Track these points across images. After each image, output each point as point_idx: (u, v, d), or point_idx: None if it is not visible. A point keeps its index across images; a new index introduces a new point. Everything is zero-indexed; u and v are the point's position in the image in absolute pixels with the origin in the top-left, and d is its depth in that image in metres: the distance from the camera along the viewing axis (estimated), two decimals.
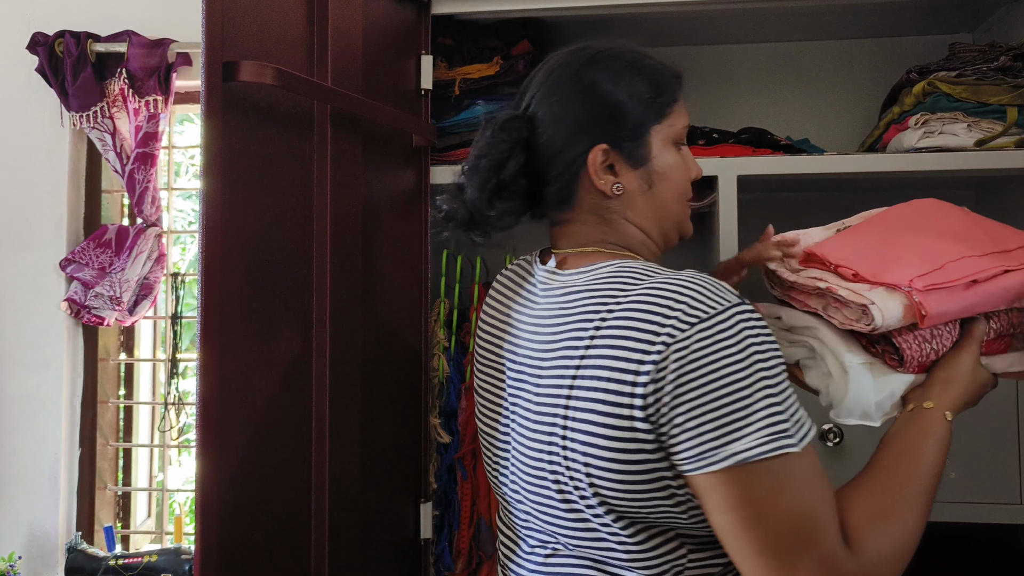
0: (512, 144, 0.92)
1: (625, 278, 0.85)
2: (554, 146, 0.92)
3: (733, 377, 0.75)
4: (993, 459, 1.42)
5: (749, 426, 0.74)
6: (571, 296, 0.89)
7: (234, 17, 1.02)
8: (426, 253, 1.53)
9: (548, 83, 0.94)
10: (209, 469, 0.95)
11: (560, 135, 0.92)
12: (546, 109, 0.93)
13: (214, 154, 0.98)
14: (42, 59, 1.79)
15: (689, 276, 0.82)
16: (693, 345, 0.76)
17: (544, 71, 0.96)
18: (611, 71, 0.92)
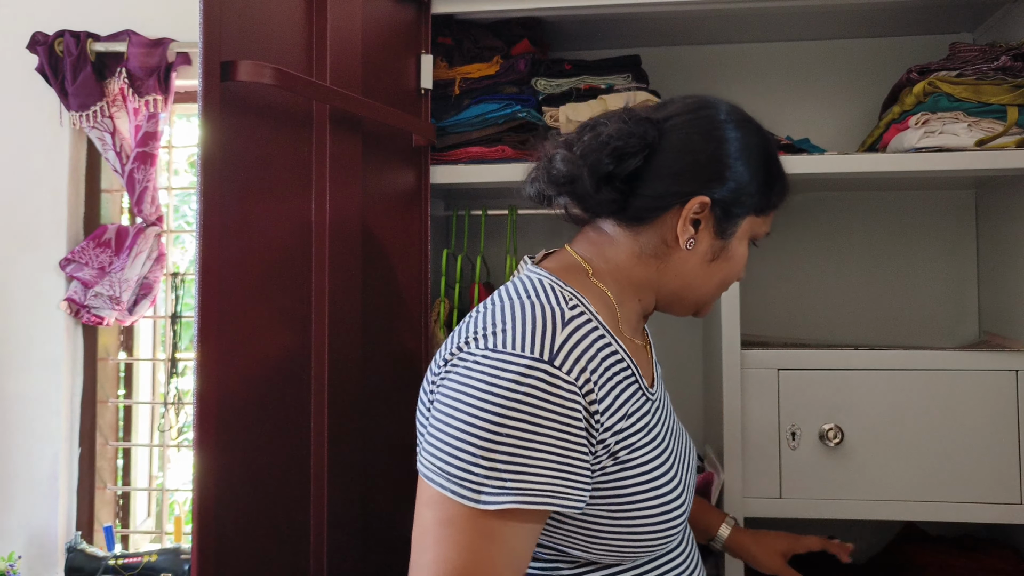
0: (642, 145, 0.90)
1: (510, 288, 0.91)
2: (667, 170, 0.91)
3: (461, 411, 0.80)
4: (993, 459, 1.42)
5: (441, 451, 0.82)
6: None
7: (232, 17, 1.02)
8: (426, 253, 1.53)
9: (696, 114, 0.93)
10: (207, 468, 0.95)
11: (678, 165, 0.91)
12: (682, 135, 0.92)
13: (212, 154, 0.98)
14: (42, 59, 1.79)
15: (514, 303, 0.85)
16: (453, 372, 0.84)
17: (699, 101, 0.95)
18: (754, 146, 0.93)
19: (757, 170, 0.93)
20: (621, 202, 0.92)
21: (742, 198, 0.92)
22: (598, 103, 1.57)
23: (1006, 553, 1.57)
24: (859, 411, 1.45)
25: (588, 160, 0.91)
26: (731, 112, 0.95)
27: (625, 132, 0.91)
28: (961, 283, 1.78)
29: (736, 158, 0.91)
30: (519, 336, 0.80)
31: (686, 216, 0.90)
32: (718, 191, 0.90)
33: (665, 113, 0.94)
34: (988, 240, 1.72)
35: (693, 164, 0.91)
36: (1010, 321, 1.60)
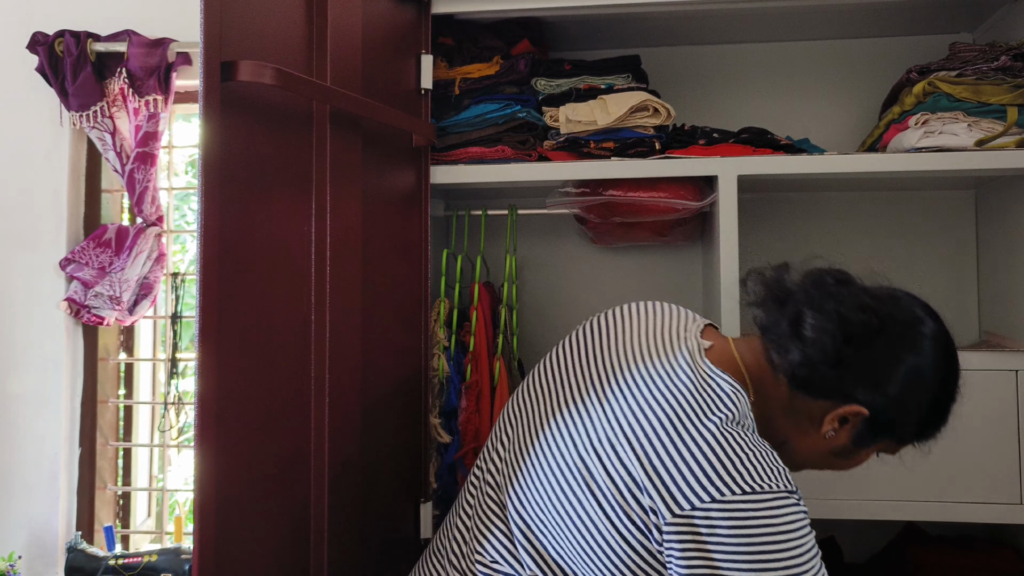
0: (848, 337, 0.92)
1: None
2: (854, 368, 0.93)
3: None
4: (993, 459, 1.42)
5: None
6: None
7: (233, 17, 1.02)
8: (426, 253, 1.53)
9: (906, 334, 0.95)
10: (208, 468, 0.95)
11: (864, 371, 0.92)
12: (887, 346, 0.93)
13: (213, 154, 0.98)
14: (42, 59, 1.79)
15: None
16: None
17: (916, 318, 0.97)
18: (931, 397, 0.95)
19: (920, 416, 0.96)
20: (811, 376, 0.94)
21: (895, 426, 0.95)
22: (598, 103, 1.57)
23: (1006, 553, 1.57)
24: None
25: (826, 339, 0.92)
26: (942, 355, 0.96)
27: (861, 323, 0.92)
28: (961, 283, 1.78)
29: (911, 400, 0.94)
30: (766, 472, 0.83)
31: (839, 413, 0.94)
32: (879, 410, 0.93)
33: (891, 312, 0.95)
34: (988, 240, 1.72)
35: (877, 379, 0.93)
36: (1010, 321, 1.60)
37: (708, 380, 0.93)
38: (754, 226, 1.81)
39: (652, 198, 1.57)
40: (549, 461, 0.94)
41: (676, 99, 1.77)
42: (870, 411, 0.92)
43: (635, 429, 0.88)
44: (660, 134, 1.57)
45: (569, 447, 0.93)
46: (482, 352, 1.62)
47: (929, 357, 0.95)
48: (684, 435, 0.86)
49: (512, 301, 1.73)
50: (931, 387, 0.95)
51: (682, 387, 0.91)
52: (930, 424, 0.98)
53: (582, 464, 0.90)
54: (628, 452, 0.87)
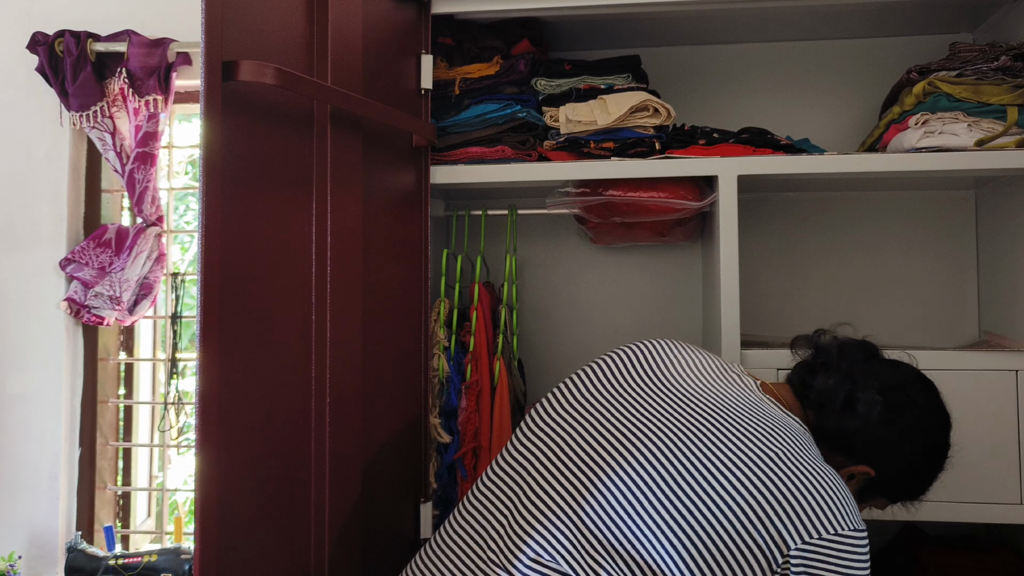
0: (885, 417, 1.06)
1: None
2: (873, 435, 1.07)
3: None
4: (993, 459, 1.42)
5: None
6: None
7: (234, 17, 1.02)
8: (426, 253, 1.53)
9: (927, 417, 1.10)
10: (208, 469, 0.95)
11: (883, 441, 1.07)
12: (905, 425, 1.07)
13: (213, 154, 0.98)
14: (42, 59, 1.79)
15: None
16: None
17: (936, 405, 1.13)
18: (935, 464, 1.12)
19: (918, 482, 1.12)
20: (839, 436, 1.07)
21: (892, 489, 1.11)
22: (598, 103, 1.57)
23: (1006, 553, 1.57)
24: None
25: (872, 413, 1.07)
26: (943, 439, 1.12)
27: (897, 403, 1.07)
28: (961, 283, 1.78)
29: (915, 467, 1.10)
30: (858, 514, 0.94)
31: (849, 471, 1.07)
32: (883, 476, 1.07)
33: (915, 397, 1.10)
34: (988, 240, 1.72)
35: (891, 451, 1.07)
36: (1010, 321, 1.60)
37: (788, 424, 1.02)
38: (754, 226, 1.81)
39: (652, 198, 1.57)
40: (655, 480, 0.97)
41: (676, 99, 1.77)
42: (877, 474, 1.07)
43: (758, 465, 0.95)
44: (660, 134, 1.57)
45: (678, 472, 0.97)
46: (482, 352, 1.62)
47: (935, 442, 1.11)
48: (805, 472, 0.95)
49: (512, 301, 1.73)
50: (929, 464, 1.11)
51: (779, 429, 1.00)
52: (920, 491, 1.13)
53: (699, 487, 0.95)
54: (757, 485, 0.93)
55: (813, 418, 1.10)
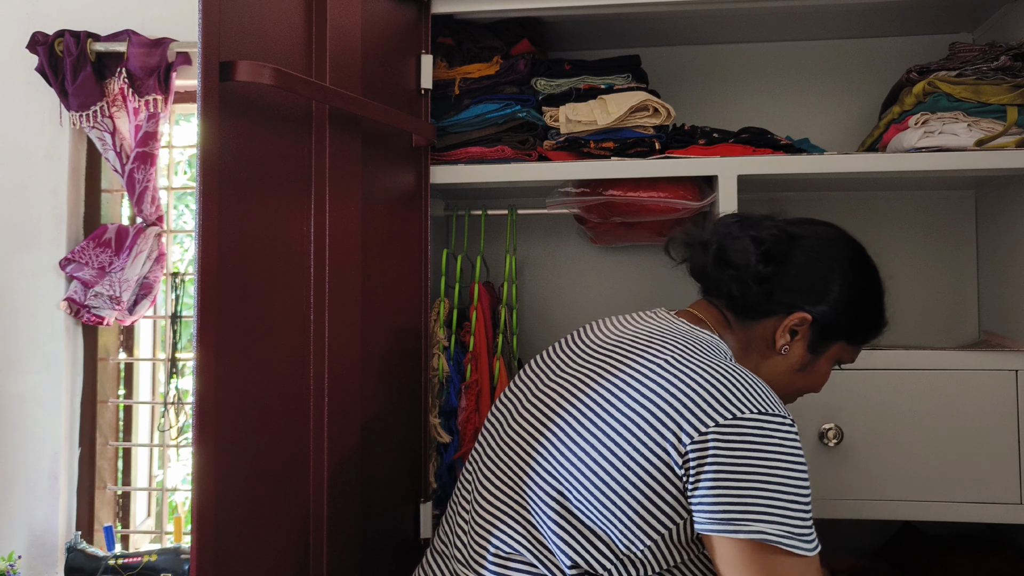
0: (765, 253, 1.04)
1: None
2: (785, 283, 1.04)
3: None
4: (993, 459, 1.42)
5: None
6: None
7: (231, 17, 1.02)
8: (426, 253, 1.53)
9: (825, 244, 1.07)
10: (206, 468, 0.95)
11: (795, 282, 1.04)
12: (807, 257, 1.05)
13: (211, 154, 0.98)
14: (42, 58, 1.79)
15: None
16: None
17: (833, 233, 1.09)
18: (863, 288, 1.06)
19: (859, 308, 1.06)
20: (748, 298, 1.05)
21: (839, 325, 1.04)
22: (598, 103, 1.57)
23: (1006, 553, 1.57)
24: (859, 411, 1.45)
25: (729, 251, 1.06)
26: (856, 253, 1.08)
27: (762, 240, 1.04)
28: (961, 283, 1.78)
29: (843, 292, 1.04)
30: (771, 400, 0.91)
31: (787, 325, 1.04)
32: (820, 313, 1.03)
33: (799, 230, 1.07)
34: (988, 240, 1.72)
35: (807, 285, 1.04)
36: (1010, 321, 1.60)
37: (694, 334, 1.02)
38: None
39: (652, 198, 1.57)
40: (571, 434, 0.97)
41: (676, 99, 1.77)
42: (812, 316, 1.03)
43: (649, 376, 0.95)
44: (660, 134, 1.57)
45: (589, 416, 0.97)
46: (482, 352, 1.62)
47: (845, 256, 1.06)
48: (695, 370, 0.93)
49: (512, 301, 1.73)
50: (858, 282, 1.06)
51: (678, 339, 1.00)
52: (870, 316, 1.09)
53: (603, 423, 0.94)
54: (647, 395, 0.93)
55: (716, 301, 1.08)
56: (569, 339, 1.14)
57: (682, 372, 0.93)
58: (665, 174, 1.52)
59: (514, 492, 1.01)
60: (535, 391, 1.08)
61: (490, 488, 1.05)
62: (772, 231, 1.05)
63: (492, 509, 1.03)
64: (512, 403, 1.11)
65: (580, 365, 1.05)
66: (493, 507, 1.03)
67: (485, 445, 1.11)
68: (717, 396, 0.89)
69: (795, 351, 1.05)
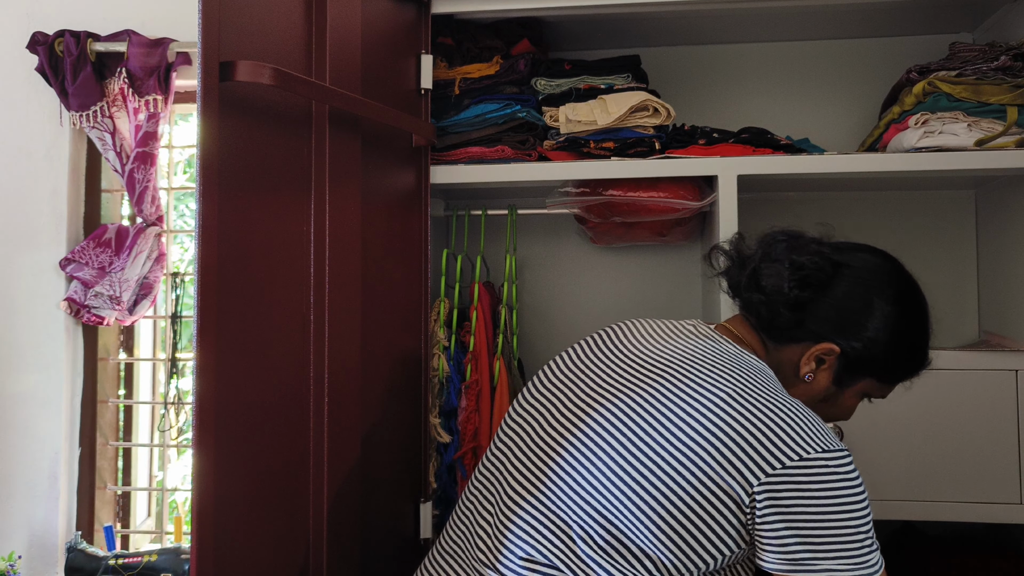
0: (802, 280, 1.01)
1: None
2: (819, 312, 1.01)
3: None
4: (993, 459, 1.42)
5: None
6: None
7: (231, 17, 1.02)
8: (426, 253, 1.53)
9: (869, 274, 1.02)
10: (206, 469, 0.95)
11: (829, 312, 1.01)
12: (846, 287, 1.01)
13: (211, 154, 0.98)
14: (42, 58, 1.79)
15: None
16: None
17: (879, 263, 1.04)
18: (903, 328, 1.01)
19: (894, 347, 1.01)
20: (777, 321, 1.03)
21: (868, 363, 1.01)
22: (598, 103, 1.57)
23: (1006, 553, 1.57)
24: (859, 411, 1.44)
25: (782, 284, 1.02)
26: (903, 290, 1.03)
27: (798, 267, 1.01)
28: (961, 283, 1.78)
29: (879, 329, 1.00)
30: (828, 436, 0.89)
31: (813, 353, 1.01)
32: (850, 344, 1.00)
33: (845, 258, 1.03)
34: (988, 240, 1.72)
35: (842, 317, 1.00)
36: (1010, 321, 1.60)
37: (744, 360, 0.98)
38: (754, 226, 1.81)
39: (652, 198, 1.57)
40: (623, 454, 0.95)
41: (676, 99, 1.77)
42: (841, 348, 1.00)
43: (711, 409, 0.92)
44: (660, 134, 1.57)
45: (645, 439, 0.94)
46: (482, 352, 1.62)
47: (891, 293, 1.01)
48: (759, 406, 0.90)
49: (512, 301, 1.73)
50: (897, 321, 1.01)
51: (734, 366, 0.96)
52: (906, 359, 1.04)
53: (662, 449, 0.92)
54: (712, 429, 0.90)
55: (752, 320, 1.06)
56: (602, 343, 1.10)
57: (747, 407, 0.91)
58: (665, 174, 1.52)
59: (551, 503, 0.98)
60: (574, 399, 1.04)
61: (522, 493, 1.01)
62: (815, 257, 1.02)
63: (524, 515, 1.00)
64: (546, 407, 1.06)
65: (627, 379, 1.01)
66: (526, 513, 1.00)
67: (513, 446, 1.06)
68: (784, 435, 0.88)
69: (819, 380, 1.03)
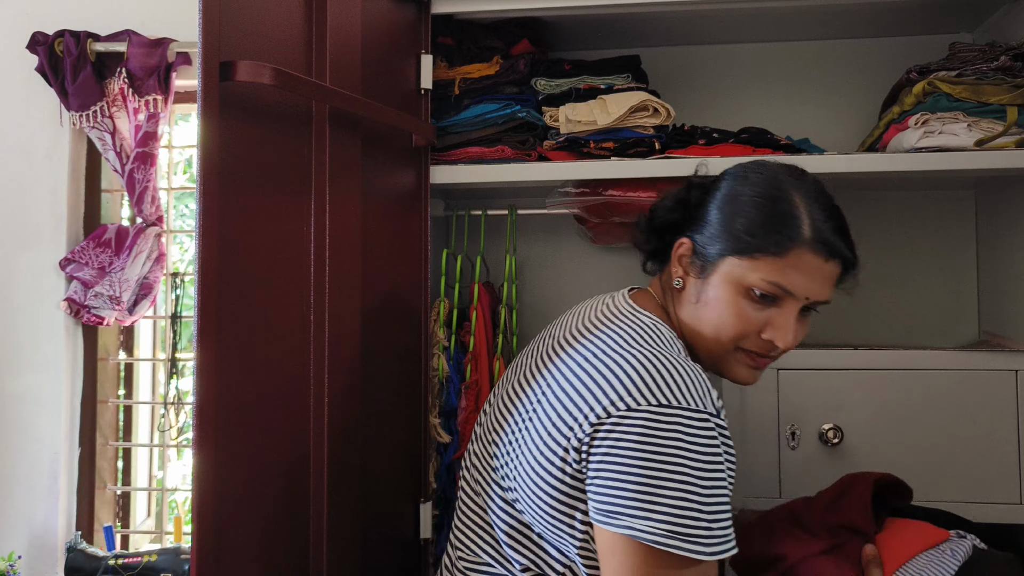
0: (676, 201, 1.03)
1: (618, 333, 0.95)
2: (671, 223, 1.03)
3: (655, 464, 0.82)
4: (993, 459, 1.42)
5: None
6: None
7: (231, 17, 1.02)
8: (426, 253, 1.53)
9: (714, 177, 1.04)
10: (206, 469, 0.95)
11: (675, 214, 1.03)
12: (697, 193, 1.03)
13: (211, 154, 0.98)
14: (42, 58, 1.79)
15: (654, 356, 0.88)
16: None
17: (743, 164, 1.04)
18: (747, 193, 0.96)
19: (736, 214, 0.95)
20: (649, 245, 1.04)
21: (715, 239, 0.95)
22: (598, 103, 1.57)
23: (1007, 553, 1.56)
24: (859, 411, 1.45)
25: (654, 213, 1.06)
26: (749, 164, 1.00)
27: (675, 192, 1.04)
28: (961, 283, 1.78)
29: (719, 202, 0.97)
30: (677, 390, 0.83)
31: (675, 256, 0.99)
32: (700, 232, 0.97)
33: (699, 180, 1.06)
34: (988, 240, 1.72)
35: (685, 213, 1.02)
36: (1010, 321, 1.60)
37: (631, 317, 0.96)
38: None
39: (652, 198, 1.57)
40: (516, 430, 0.96)
41: (676, 99, 1.77)
42: (689, 237, 0.99)
43: (573, 367, 0.92)
44: (660, 134, 1.57)
45: (529, 410, 0.95)
46: (482, 352, 1.62)
47: (734, 171, 1.00)
48: (612, 359, 0.88)
49: (512, 301, 1.73)
50: (734, 186, 0.98)
51: (614, 324, 0.96)
52: (749, 219, 0.94)
53: (537, 417, 0.92)
54: (568, 384, 0.90)
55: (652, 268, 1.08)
56: (542, 337, 1.11)
57: (601, 360, 0.88)
58: (665, 174, 1.52)
59: (479, 496, 1.00)
60: (501, 390, 1.07)
61: (467, 491, 1.05)
62: (698, 180, 1.05)
63: (464, 515, 1.03)
64: (491, 402, 1.11)
65: (535, 358, 1.04)
66: (464, 513, 1.03)
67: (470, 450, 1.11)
68: (625, 384, 0.84)
69: (688, 284, 0.98)
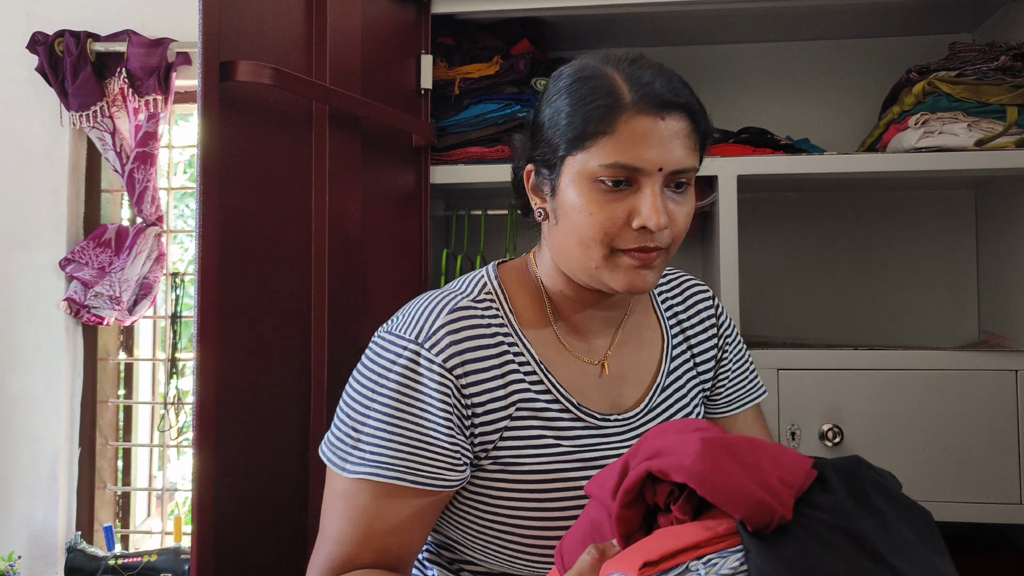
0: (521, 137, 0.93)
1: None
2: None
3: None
4: (993, 459, 1.42)
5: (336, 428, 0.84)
6: None
7: (231, 17, 1.02)
8: (426, 253, 1.53)
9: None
10: (206, 468, 0.95)
11: (522, 148, 0.91)
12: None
13: (211, 154, 0.98)
14: (42, 58, 1.79)
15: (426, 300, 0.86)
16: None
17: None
18: (553, 87, 0.86)
19: (554, 111, 0.83)
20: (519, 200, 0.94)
21: (546, 148, 0.84)
22: None
23: (1006, 553, 1.57)
24: (859, 411, 1.44)
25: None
26: (565, 66, 0.88)
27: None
28: (961, 283, 1.78)
29: (537, 112, 0.87)
30: (406, 321, 0.84)
31: (529, 190, 0.89)
32: (534, 152, 0.86)
33: None
34: (988, 240, 1.72)
35: (524, 141, 0.90)
36: (1010, 321, 1.60)
37: (461, 279, 0.92)
38: (754, 226, 1.81)
39: None
40: None
41: None
42: (529, 157, 0.87)
43: None
44: None
45: None
46: None
47: (552, 79, 0.88)
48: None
49: None
50: (548, 87, 0.87)
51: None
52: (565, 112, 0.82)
53: None
54: None
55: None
56: None
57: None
58: None
59: None
60: None
61: None
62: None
63: None
64: None
65: None
66: None
67: None
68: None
69: (548, 211, 0.86)
